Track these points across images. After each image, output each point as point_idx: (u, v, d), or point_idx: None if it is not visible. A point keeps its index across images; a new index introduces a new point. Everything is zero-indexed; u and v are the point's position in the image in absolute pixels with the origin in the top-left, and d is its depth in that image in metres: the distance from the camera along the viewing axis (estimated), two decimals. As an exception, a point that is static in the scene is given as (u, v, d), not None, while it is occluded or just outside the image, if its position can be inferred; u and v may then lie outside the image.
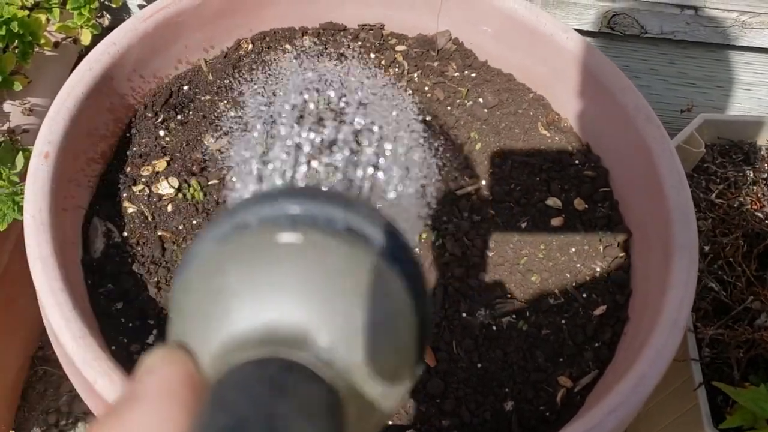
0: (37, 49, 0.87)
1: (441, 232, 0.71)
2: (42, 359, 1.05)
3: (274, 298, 0.23)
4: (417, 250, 0.70)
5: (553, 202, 0.74)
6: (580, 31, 0.84)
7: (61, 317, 0.54)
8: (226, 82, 0.81)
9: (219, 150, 0.75)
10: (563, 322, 0.67)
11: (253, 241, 0.24)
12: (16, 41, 0.81)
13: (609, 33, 1.08)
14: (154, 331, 0.64)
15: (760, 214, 0.83)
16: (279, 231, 0.24)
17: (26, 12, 0.85)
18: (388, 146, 0.30)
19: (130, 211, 0.70)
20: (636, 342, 0.62)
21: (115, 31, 0.73)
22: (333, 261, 0.23)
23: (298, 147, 0.30)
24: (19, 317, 0.95)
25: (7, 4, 0.76)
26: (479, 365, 0.64)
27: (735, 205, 0.85)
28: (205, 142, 0.76)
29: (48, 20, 0.89)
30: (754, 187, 0.88)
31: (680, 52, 1.11)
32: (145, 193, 0.71)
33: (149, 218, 0.70)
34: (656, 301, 0.61)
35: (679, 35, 1.05)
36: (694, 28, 1.04)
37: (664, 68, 1.13)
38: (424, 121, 0.80)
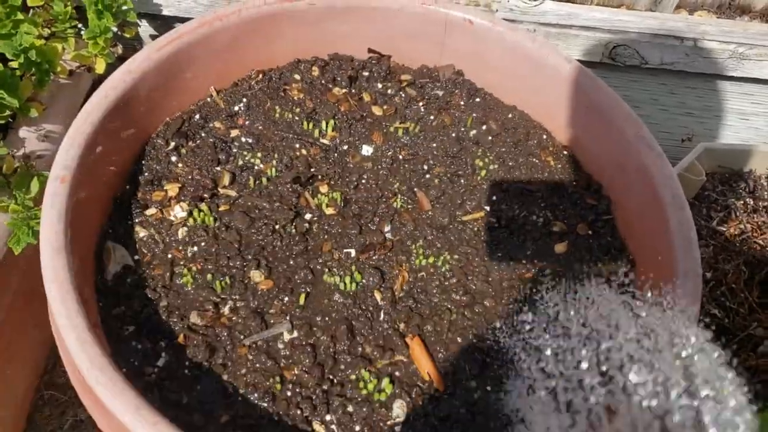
0: (52, 76, 0.89)
1: (443, 257, 0.73)
2: (49, 384, 1.05)
3: None
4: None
5: (558, 227, 0.75)
6: (580, 62, 0.86)
7: (77, 339, 0.55)
8: (236, 109, 0.83)
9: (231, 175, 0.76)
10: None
11: None
12: (33, 69, 0.83)
13: (610, 63, 1.10)
14: (164, 354, 0.65)
15: (761, 242, 0.84)
16: None
17: (43, 41, 0.87)
18: None
19: (141, 235, 0.71)
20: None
21: (130, 59, 0.75)
22: None
23: None
24: (28, 342, 0.96)
25: (25, 33, 0.78)
26: (487, 388, 0.64)
27: (736, 233, 0.86)
28: (216, 168, 0.77)
29: (63, 49, 0.91)
30: (755, 215, 0.89)
31: (680, 82, 1.13)
32: (157, 218, 0.72)
33: (161, 242, 0.71)
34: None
35: (679, 66, 1.08)
36: (694, 59, 1.06)
37: (664, 98, 1.16)
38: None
